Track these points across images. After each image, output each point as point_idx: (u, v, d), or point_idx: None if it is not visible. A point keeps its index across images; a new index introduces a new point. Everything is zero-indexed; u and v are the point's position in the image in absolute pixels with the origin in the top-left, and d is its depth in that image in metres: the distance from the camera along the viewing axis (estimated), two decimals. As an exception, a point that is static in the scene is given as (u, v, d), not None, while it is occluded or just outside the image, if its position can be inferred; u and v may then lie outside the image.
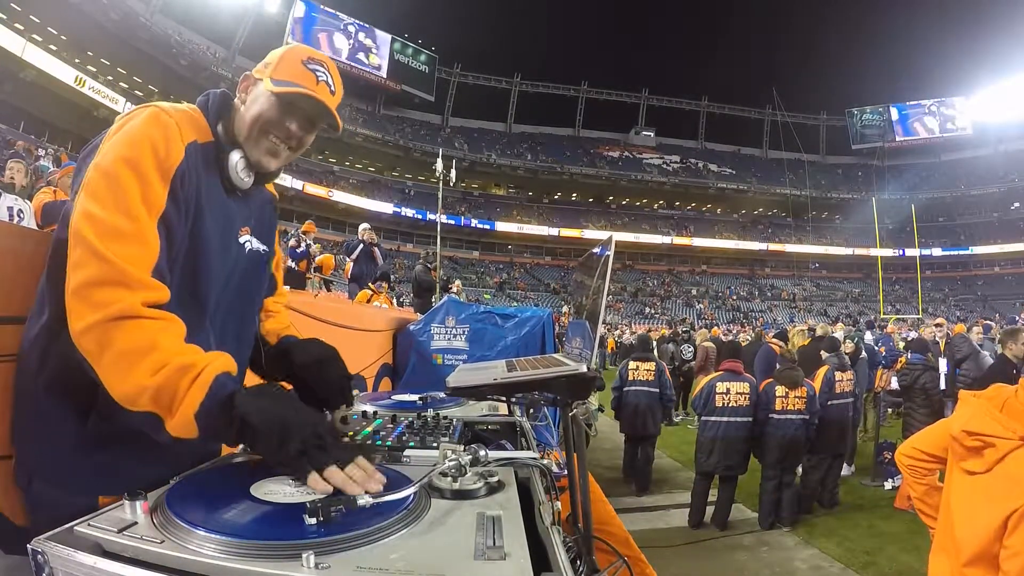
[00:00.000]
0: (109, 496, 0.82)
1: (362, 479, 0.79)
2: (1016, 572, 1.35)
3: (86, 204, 0.89)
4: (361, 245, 8.32)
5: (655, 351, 9.86)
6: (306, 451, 0.79)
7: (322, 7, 36.58)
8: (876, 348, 8.43)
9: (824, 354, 5.55)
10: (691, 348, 10.47)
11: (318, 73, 1.11)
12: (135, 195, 0.90)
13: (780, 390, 4.73)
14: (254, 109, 1.09)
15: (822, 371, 5.16)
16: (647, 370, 5.96)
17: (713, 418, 4.72)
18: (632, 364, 6.03)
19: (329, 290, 8.57)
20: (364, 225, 8.69)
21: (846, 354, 5.75)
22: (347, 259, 8.34)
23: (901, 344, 9.61)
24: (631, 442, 6.14)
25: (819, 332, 7.58)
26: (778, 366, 5.02)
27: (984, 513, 1.45)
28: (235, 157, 1.08)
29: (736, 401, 4.72)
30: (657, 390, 5.94)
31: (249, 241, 1.16)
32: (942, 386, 6.04)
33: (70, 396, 0.93)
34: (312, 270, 8.87)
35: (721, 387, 4.75)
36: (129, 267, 0.87)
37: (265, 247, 1.21)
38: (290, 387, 1.19)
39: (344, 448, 0.83)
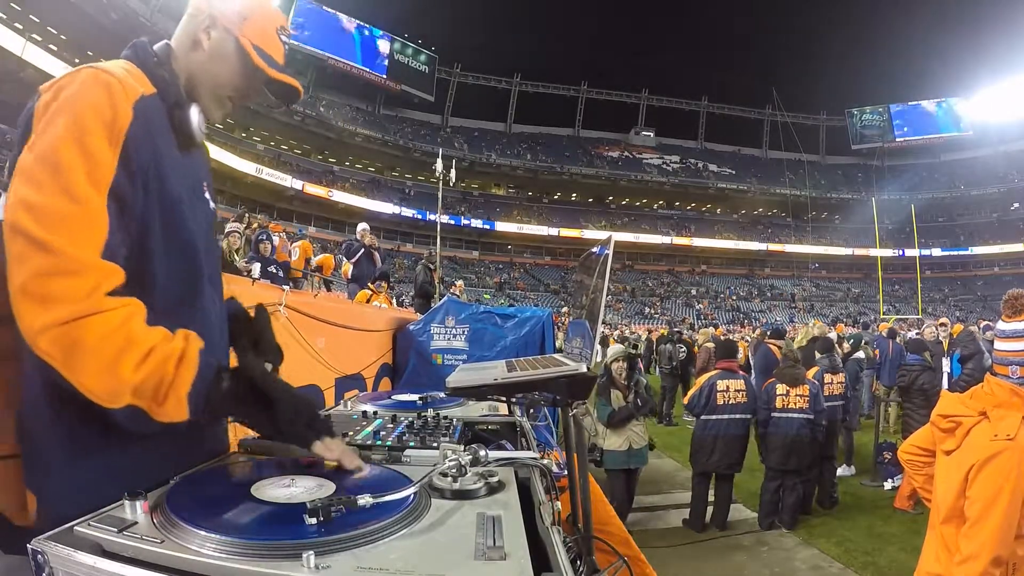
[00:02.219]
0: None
1: (352, 454, 0.89)
2: (975, 516, 1.65)
3: (21, 191, 0.79)
4: (362, 249, 8.33)
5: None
6: (313, 424, 0.88)
7: (322, 7, 36.58)
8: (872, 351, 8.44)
9: (817, 355, 5.56)
10: (683, 348, 10.53)
11: (285, 47, 1.08)
12: (78, 172, 0.81)
13: (780, 388, 4.74)
14: (225, 68, 1.02)
15: (811, 372, 5.16)
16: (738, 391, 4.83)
17: (715, 416, 4.71)
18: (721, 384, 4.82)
19: (329, 290, 8.56)
20: (363, 227, 8.62)
21: (840, 355, 5.75)
22: (344, 260, 8.32)
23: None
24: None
25: (815, 332, 7.61)
26: (780, 364, 5.02)
27: (954, 477, 1.75)
28: (195, 111, 1.00)
29: (735, 398, 4.74)
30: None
31: (209, 199, 1.11)
32: (944, 385, 6.03)
33: (76, 395, 0.89)
34: (312, 270, 8.89)
35: (721, 385, 4.75)
36: (79, 252, 0.79)
37: (214, 203, 1.15)
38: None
39: (332, 427, 0.92)
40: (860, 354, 7.84)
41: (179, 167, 0.97)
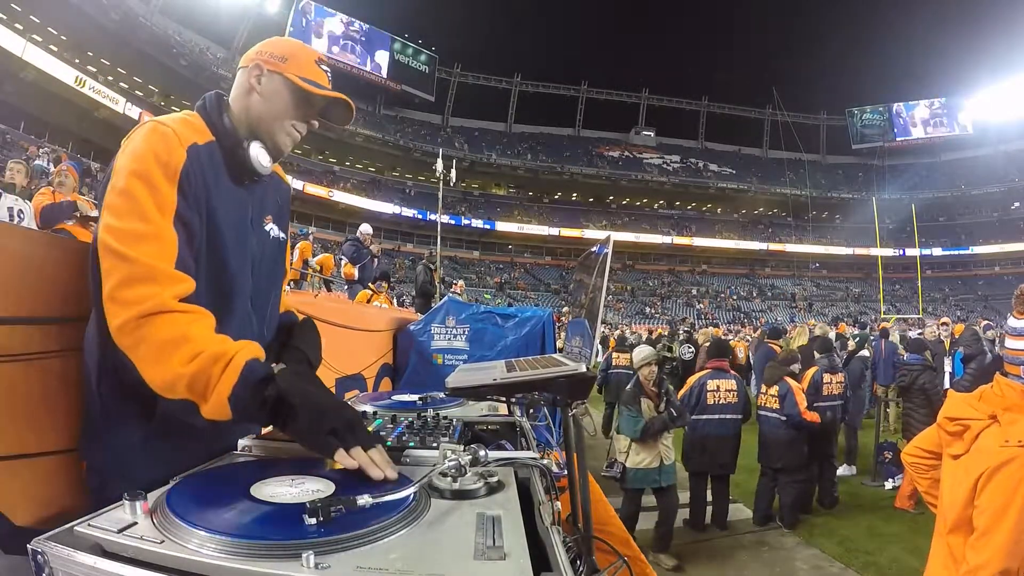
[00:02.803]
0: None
1: (382, 463, 0.86)
2: (985, 526, 1.56)
3: (106, 219, 0.98)
4: (369, 256, 8.39)
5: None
6: (336, 431, 0.88)
7: (323, 7, 36.58)
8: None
9: (816, 355, 5.56)
10: (691, 349, 10.48)
11: (328, 73, 1.22)
12: (147, 201, 0.98)
13: (764, 387, 4.81)
14: (278, 101, 1.17)
15: (810, 372, 5.16)
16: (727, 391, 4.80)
17: (705, 416, 4.68)
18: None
19: (329, 290, 8.57)
20: (368, 230, 8.62)
21: (839, 354, 5.76)
22: (345, 260, 8.32)
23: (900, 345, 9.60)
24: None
25: (815, 332, 7.63)
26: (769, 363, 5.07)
27: (962, 484, 1.65)
28: (256, 147, 1.15)
29: (726, 398, 4.70)
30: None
31: (272, 228, 1.25)
32: (946, 385, 6.02)
33: (131, 396, 0.98)
34: (315, 271, 8.91)
35: (712, 384, 4.73)
36: (154, 263, 0.94)
37: (284, 234, 1.31)
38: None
39: (368, 435, 0.91)
40: (865, 352, 7.84)
41: (232, 200, 1.12)
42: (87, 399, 1.04)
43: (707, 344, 9.70)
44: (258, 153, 1.15)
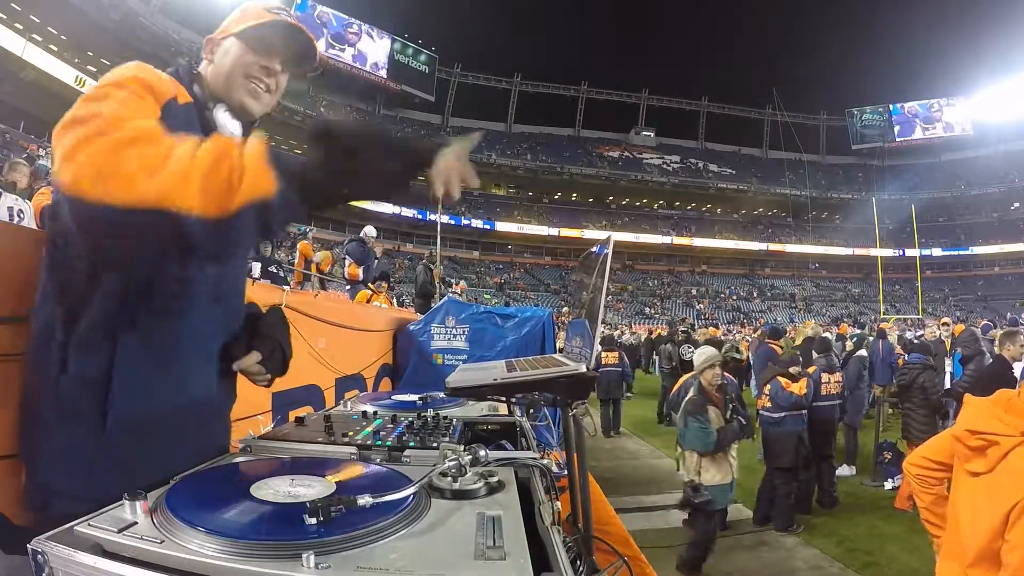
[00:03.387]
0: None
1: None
2: (1016, 564, 1.34)
3: (62, 121, 0.80)
4: (373, 258, 8.46)
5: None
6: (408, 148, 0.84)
7: (322, 7, 36.58)
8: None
9: (814, 355, 5.56)
10: (692, 349, 10.47)
11: (281, 14, 1.14)
12: (130, 102, 0.87)
13: (766, 388, 4.85)
14: (228, 59, 1.11)
15: (809, 372, 5.17)
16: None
17: None
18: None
19: (325, 288, 8.58)
20: (372, 232, 8.65)
21: (837, 355, 5.77)
22: (349, 259, 8.36)
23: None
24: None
25: (809, 333, 7.66)
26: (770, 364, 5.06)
27: (987, 511, 1.43)
28: (220, 110, 1.09)
29: None
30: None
31: None
32: (947, 385, 6.02)
33: (82, 399, 0.90)
34: (318, 271, 8.95)
35: None
36: (121, 113, 0.81)
37: None
38: None
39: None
40: (863, 352, 7.84)
41: None
42: (34, 400, 0.93)
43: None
44: (223, 117, 1.08)
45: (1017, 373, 4.32)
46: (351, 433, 1.15)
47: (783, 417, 4.71)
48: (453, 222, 37.95)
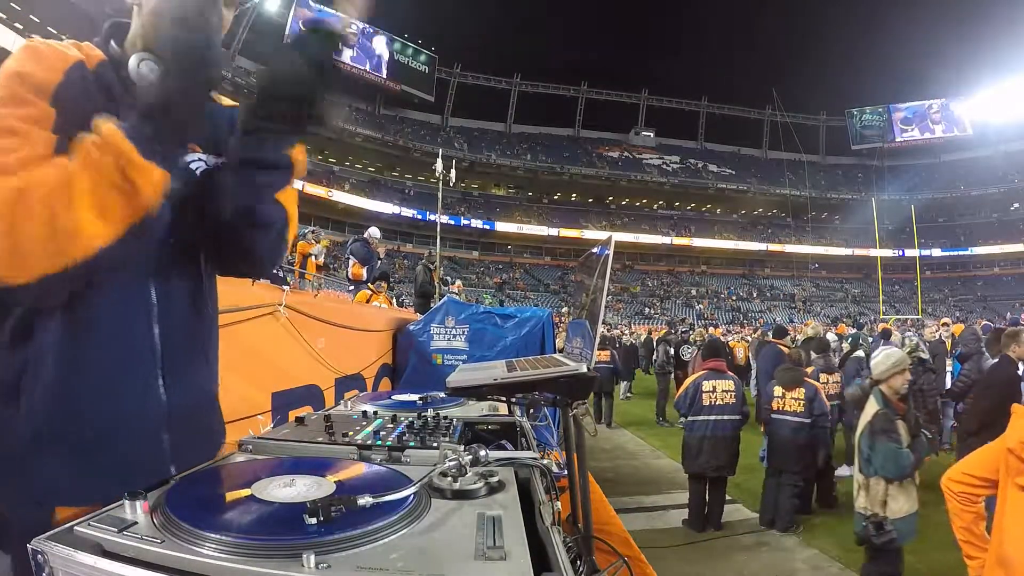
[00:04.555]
0: (68, 508, 0.80)
1: None
2: None
3: None
4: (376, 260, 8.48)
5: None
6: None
7: (321, 7, 36.58)
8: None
9: (812, 355, 5.55)
10: (690, 349, 10.50)
11: None
12: (12, 112, 0.82)
13: (777, 390, 4.74)
14: None
15: (808, 371, 5.16)
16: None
17: (701, 417, 4.67)
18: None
19: (327, 268, 8.66)
20: (376, 234, 8.67)
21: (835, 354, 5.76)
22: (353, 260, 8.38)
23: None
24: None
25: (810, 332, 7.66)
26: (782, 365, 5.02)
27: None
28: (132, 60, 0.93)
29: (723, 399, 4.67)
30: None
31: (198, 159, 1.01)
32: (947, 385, 6.01)
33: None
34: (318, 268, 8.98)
35: (707, 385, 4.72)
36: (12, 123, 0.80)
37: (202, 162, 1.04)
38: None
39: None
40: (860, 353, 7.85)
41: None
42: None
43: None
44: (144, 68, 0.91)
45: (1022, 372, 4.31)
46: (351, 433, 1.15)
47: (787, 422, 4.66)
48: (453, 222, 37.97)
